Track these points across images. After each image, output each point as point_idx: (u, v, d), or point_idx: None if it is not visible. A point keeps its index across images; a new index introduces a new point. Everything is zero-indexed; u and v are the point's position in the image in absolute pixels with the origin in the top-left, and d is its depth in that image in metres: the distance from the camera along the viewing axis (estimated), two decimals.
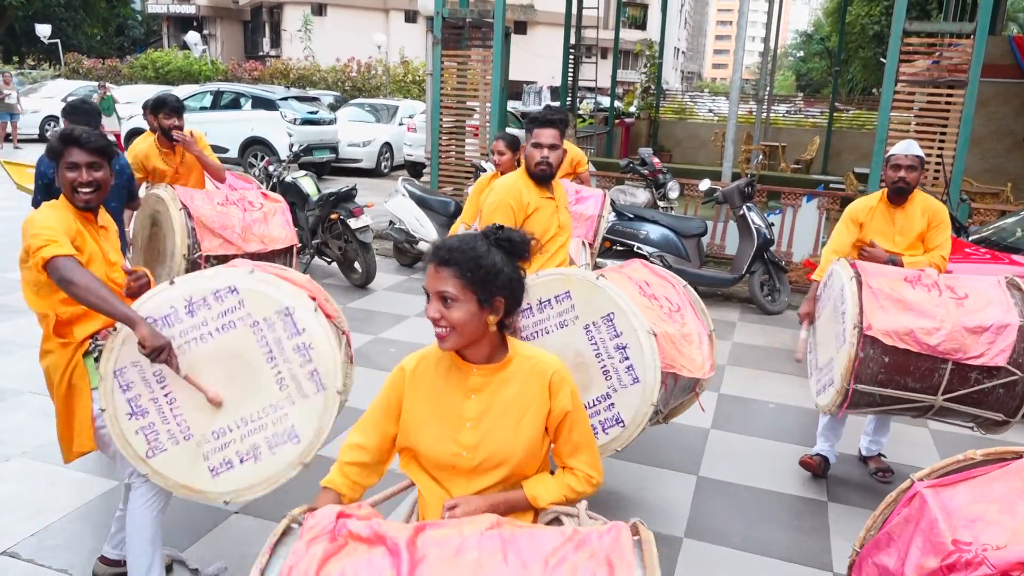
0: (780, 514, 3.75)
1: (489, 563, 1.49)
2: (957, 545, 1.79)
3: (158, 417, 2.49)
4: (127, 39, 41.52)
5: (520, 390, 1.94)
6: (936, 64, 7.45)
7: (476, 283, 1.81)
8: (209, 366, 2.45)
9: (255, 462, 2.47)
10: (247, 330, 2.45)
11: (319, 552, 1.51)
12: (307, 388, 2.45)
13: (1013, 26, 27.91)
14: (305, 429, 2.45)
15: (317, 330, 2.46)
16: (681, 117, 19.97)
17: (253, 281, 2.49)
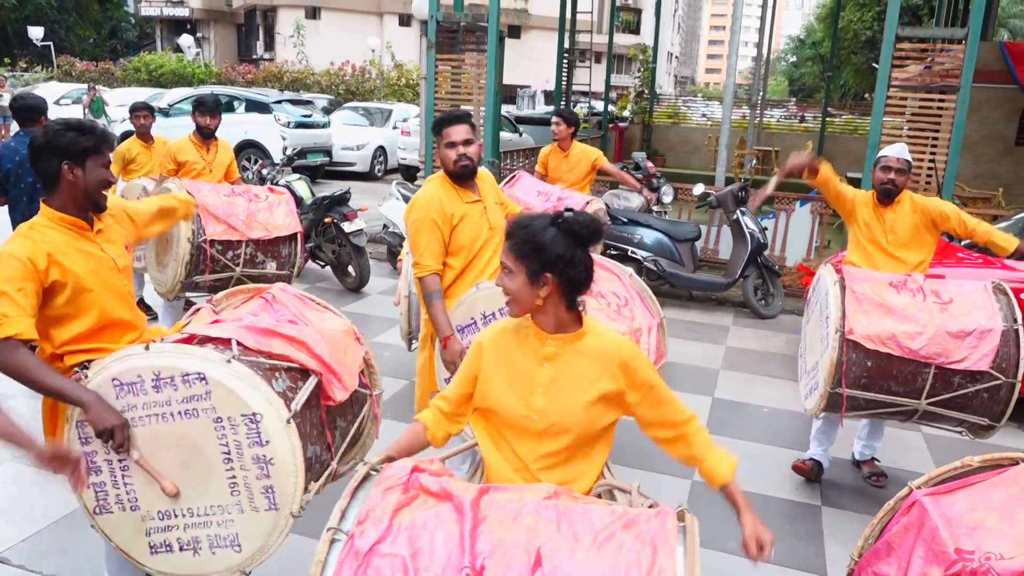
0: (774, 519, 3.75)
1: (544, 530, 1.62)
2: (960, 554, 1.78)
3: (109, 479, 2.38)
4: (120, 42, 41.37)
5: (590, 364, 2.05)
6: (928, 69, 7.48)
7: (525, 257, 1.96)
8: (166, 448, 2.32)
9: (193, 555, 2.38)
10: (209, 423, 2.26)
11: (393, 500, 1.67)
12: (259, 502, 2.29)
13: (1004, 32, 28.09)
14: (248, 542, 2.33)
15: (283, 445, 2.25)
16: (675, 121, 20.01)
17: (226, 373, 2.25)
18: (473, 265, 3.39)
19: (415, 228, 3.28)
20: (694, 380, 5.51)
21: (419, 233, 3.26)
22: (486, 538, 1.61)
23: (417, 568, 1.56)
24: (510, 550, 1.58)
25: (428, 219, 3.24)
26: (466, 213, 3.33)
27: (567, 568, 1.56)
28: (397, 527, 1.63)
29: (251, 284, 3.36)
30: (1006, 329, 3.41)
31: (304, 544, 3.28)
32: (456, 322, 3.24)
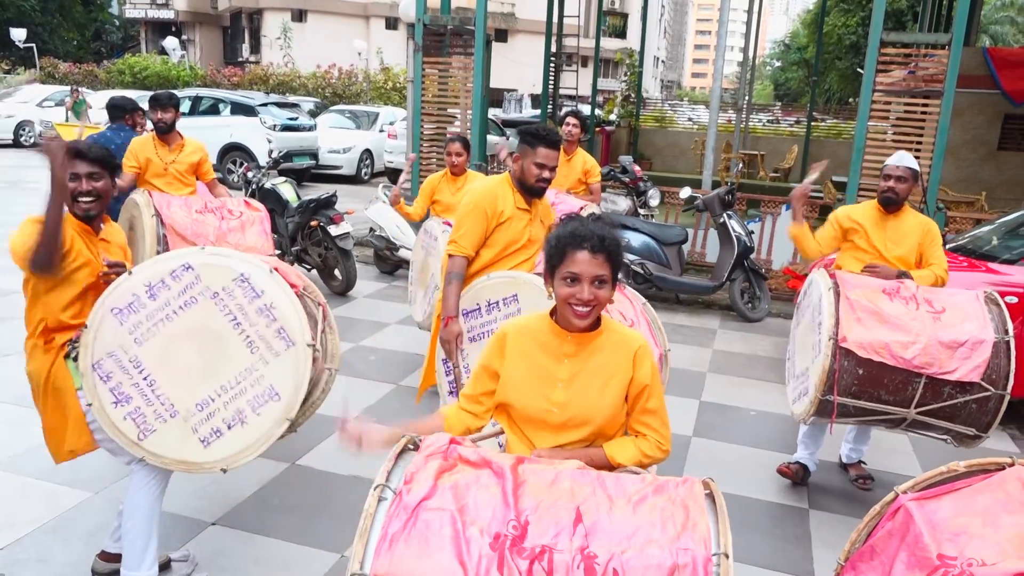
0: (762, 522, 3.75)
1: (581, 492, 1.72)
2: (943, 560, 1.78)
3: (142, 400, 2.56)
4: (104, 44, 41.07)
5: (608, 359, 2.14)
6: (912, 74, 7.54)
7: (616, 266, 2.09)
8: (181, 343, 2.54)
9: (242, 426, 2.57)
10: (209, 302, 2.54)
11: (435, 466, 1.76)
12: (277, 346, 2.55)
13: (985, 37, 28.41)
14: (284, 386, 2.56)
15: (275, 290, 2.58)
16: (661, 125, 20.08)
17: (205, 256, 2.59)
18: (501, 263, 3.55)
19: (466, 210, 3.50)
20: (681, 383, 5.51)
21: (467, 217, 3.47)
22: (528, 498, 1.70)
23: (465, 521, 1.64)
24: (552, 508, 1.67)
25: (480, 207, 3.46)
26: (513, 216, 3.53)
27: (606, 524, 1.65)
28: (442, 487, 1.71)
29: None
30: (997, 341, 3.41)
31: (292, 551, 3.26)
32: (463, 306, 3.40)
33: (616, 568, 1.57)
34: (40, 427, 2.79)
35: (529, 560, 1.59)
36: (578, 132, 6.37)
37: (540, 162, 3.44)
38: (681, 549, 1.60)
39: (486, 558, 1.59)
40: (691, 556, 1.59)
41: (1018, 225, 5.94)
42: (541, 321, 2.20)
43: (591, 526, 1.64)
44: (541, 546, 1.60)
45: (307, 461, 4.04)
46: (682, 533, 1.63)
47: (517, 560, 1.59)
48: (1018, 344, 4.69)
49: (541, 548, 1.60)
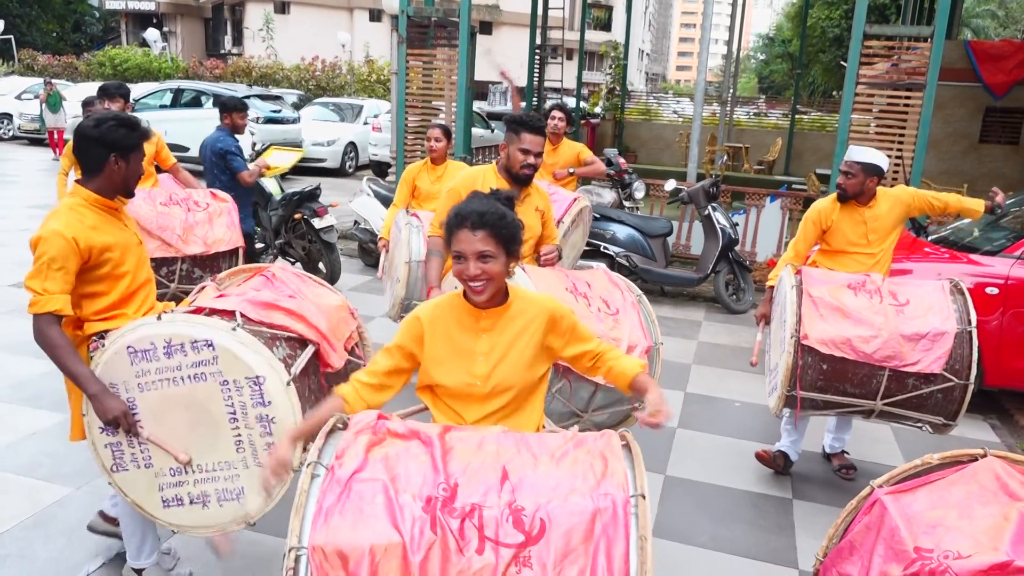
0: (746, 512, 3.78)
1: (506, 452, 1.83)
2: (919, 553, 1.80)
3: (125, 440, 2.59)
4: (84, 36, 40.55)
5: (522, 327, 2.25)
6: (895, 67, 7.58)
7: (505, 241, 2.14)
8: (177, 409, 2.53)
9: (203, 508, 2.59)
10: (216, 386, 2.48)
11: (365, 440, 1.83)
12: (262, 458, 2.48)
13: (967, 31, 28.62)
14: (252, 496, 2.53)
15: (284, 406, 2.48)
16: (646, 118, 20.08)
17: (232, 340, 2.48)
18: None
19: (447, 196, 3.56)
20: (666, 375, 5.51)
21: (446, 201, 3.52)
22: (456, 462, 1.79)
23: (397, 489, 1.71)
24: (479, 469, 1.77)
25: (456, 191, 3.52)
26: None
27: (531, 479, 1.75)
28: (373, 459, 1.78)
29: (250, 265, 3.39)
30: (960, 331, 3.46)
31: (277, 545, 3.24)
32: (445, 289, 3.43)
33: (542, 517, 1.67)
34: (18, 424, 2.77)
35: (460, 519, 1.67)
36: (564, 125, 6.34)
37: (525, 148, 3.47)
38: (601, 495, 1.71)
39: (419, 520, 1.66)
40: (611, 500, 1.70)
41: (999, 217, 5.99)
42: (455, 300, 2.27)
43: (517, 482, 1.74)
44: (471, 504, 1.69)
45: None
46: (602, 480, 1.75)
47: (449, 520, 1.67)
48: (999, 333, 4.76)
49: (471, 506, 1.69)
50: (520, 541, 1.65)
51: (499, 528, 1.66)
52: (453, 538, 1.65)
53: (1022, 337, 4.88)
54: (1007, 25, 32.54)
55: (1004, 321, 4.89)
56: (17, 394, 4.52)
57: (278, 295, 2.82)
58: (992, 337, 4.86)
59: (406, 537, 1.64)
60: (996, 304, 4.88)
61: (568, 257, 5.85)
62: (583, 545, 1.66)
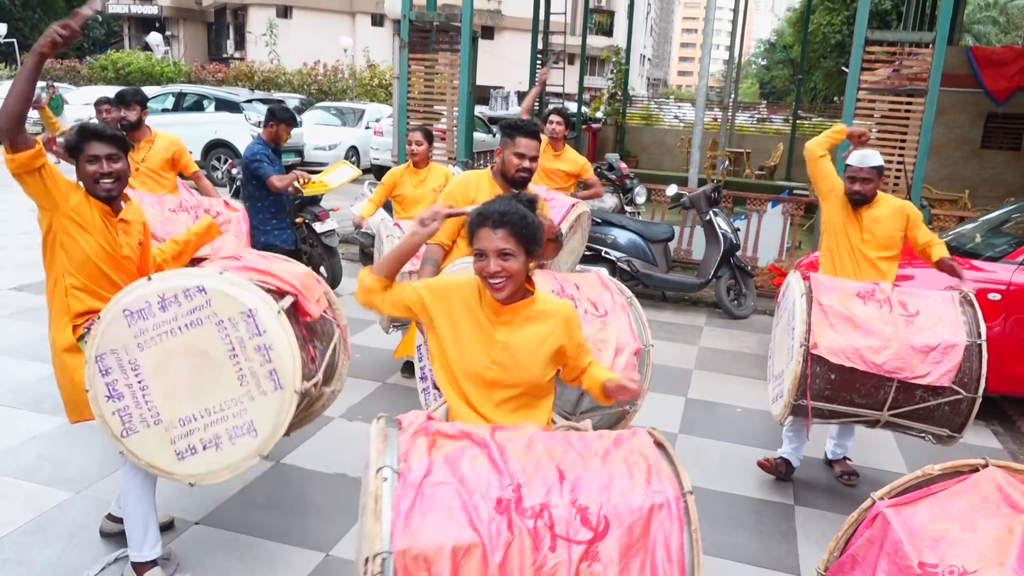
0: (748, 518, 3.76)
1: (556, 452, 1.92)
2: (924, 568, 1.78)
3: (132, 401, 2.66)
4: (87, 39, 40.61)
5: (541, 326, 2.32)
6: (896, 73, 7.58)
7: (525, 240, 2.21)
8: (179, 358, 2.63)
9: (216, 450, 2.66)
10: (213, 328, 2.62)
11: (424, 442, 1.90)
12: (265, 386, 2.62)
13: (968, 37, 28.63)
14: (263, 424, 2.64)
15: (278, 332, 2.63)
16: (648, 123, 20.11)
17: (221, 282, 2.66)
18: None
19: (440, 200, 3.65)
20: (667, 380, 5.51)
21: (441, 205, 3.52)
22: (514, 462, 1.87)
23: (470, 491, 1.77)
24: (537, 470, 1.85)
25: (451, 195, 3.61)
26: None
27: (585, 478, 1.85)
28: (437, 462, 1.84)
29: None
30: (969, 344, 3.43)
31: (277, 550, 3.23)
32: None
33: (607, 515, 1.78)
34: (19, 428, 2.78)
35: (533, 518, 1.75)
36: (562, 129, 6.33)
37: (520, 152, 3.50)
38: (655, 491, 1.84)
39: (496, 521, 1.73)
40: (664, 497, 1.83)
41: (1000, 223, 5.99)
42: (477, 289, 2.33)
43: (574, 481, 1.83)
44: (540, 504, 1.77)
45: (292, 460, 4.02)
46: (651, 478, 1.87)
47: (523, 520, 1.74)
48: (1001, 339, 4.74)
49: (540, 506, 1.77)
50: (589, 538, 1.75)
51: (568, 526, 1.75)
52: (529, 537, 1.73)
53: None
54: (1008, 31, 32.58)
55: (1006, 327, 4.87)
56: (18, 398, 4.51)
57: (252, 264, 3.00)
58: (994, 343, 4.81)
59: (485, 538, 1.70)
60: (998, 310, 4.87)
61: (567, 263, 5.84)
62: (642, 539, 1.78)
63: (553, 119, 6.34)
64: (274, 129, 5.55)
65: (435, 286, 2.37)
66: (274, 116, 5.59)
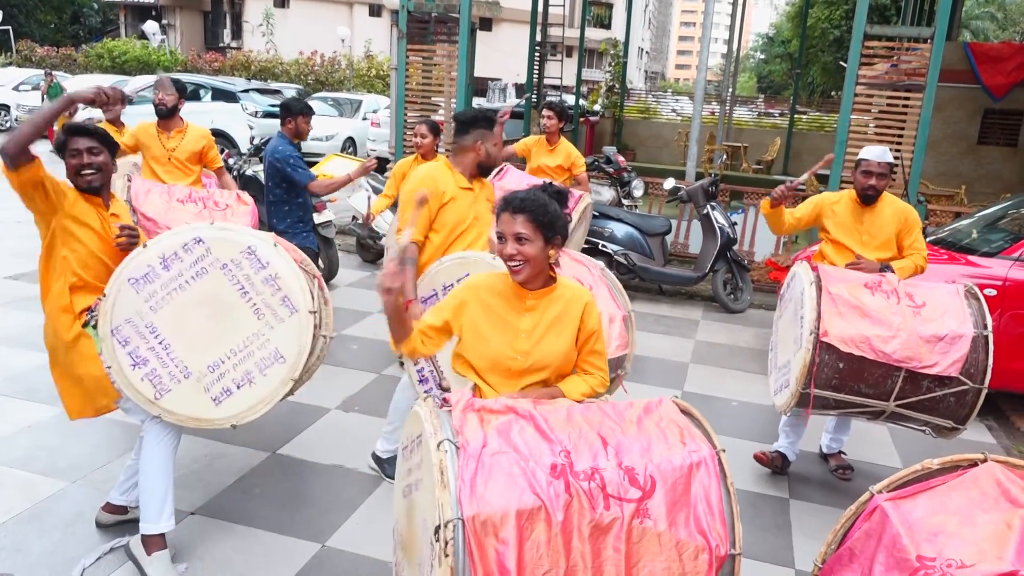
0: (743, 511, 3.75)
1: (594, 421, 2.04)
2: (921, 561, 1.78)
3: (158, 363, 2.77)
4: (83, 27, 40.40)
5: (563, 311, 2.41)
6: (895, 68, 7.58)
7: (542, 226, 2.31)
8: (193, 310, 2.76)
9: (251, 386, 2.79)
10: (218, 273, 2.76)
11: (474, 417, 2.01)
12: (281, 313, 2.79)
13: (967, 33, 28.62)
14: (288, 349, 2.80)
15: (280, 262, 2.81)
16: (645, 116, 20.08)
17: (215, 230, 2.82)
18: (454, 245, 3.61)
19: (408, 198, 3.60)
20: (664, 373, 5.52)
21: (410, 203, 3.54)
22: (559, 431, 1.98)
23: (526, 459, 1.87)
24: (581, 437, 1.97)
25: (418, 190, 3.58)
26: (456, 196, 3.60)
27: (625, 443, 1.98)
28: (490, 434, 1.94)
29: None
30: (976, 335, 3.44)
31: (273, 540, 3.23)
32: (420, 293, 3.47)
33: (652, 474, 1.91)
34: (14, 417, 2.78)
35: (586, 480, 1.86)
36: (555, 124, 6.32)
37: (495, 143, 3.62)
38: (691, 451, 1.99)
39: (554, 485, 1.84)
40: (701, 455, 1.98)
41: (997, 218, 6.00)
42: (502, 279, 2.44)
43: (616, 446, 1.96)
44: (591, 468, 1.89)
45: (288, 451, 4.02)
46: (684, 439, 2.02)
47: (579, 483, 1.85)
48: (997, 335, 4.75)
49: (591, 469, 1.89)
50: (639, 496, 1.88)
51: (619, 487, 1.87)
52: (585, 497, 1.84)
53: (1019, 339, 4.89)
54: (1006, 27, 32.58)
55: (1002, 323, 4.89)
56: (13, 387, 4.50)
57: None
58: None
59: (546, 501, 1.81)
60: (994, 306, 4.88)
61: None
62: (685, 495, 1.93)
63: (545, 113, 6.34)
64: (293, 124, 5.25)
65: (456, 299, 2.44)
66: (290, 111, 5.24)
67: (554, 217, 2.35)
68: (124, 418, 4.06)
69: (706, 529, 1.90)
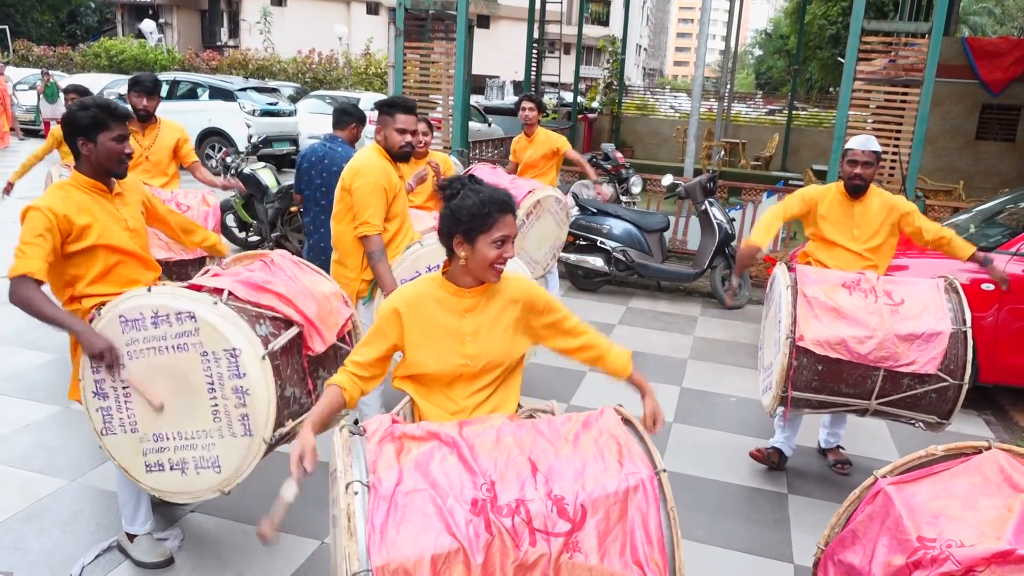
0: (741, 507, 3.78)
1: (526, 443, 1.91)
2: (922, 542, 1.80)
3: (114, 404, 2.74)
4: (80, 26, 40.32)
5: (503, 306, 2.31)
6: (893, 63, 7.58)
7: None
8: (161, 376, 2.66)
9: (181, 474, 2.72)
10: (197, 357, 2.61)
11: (391, 449, 1.86)
12: (236, 429, 2.62)
13: (964, 28, 28.62)
14: (227, 464, 2.67)
15: (257, 378, 2.59)
16: (643, 113, 20.07)
17: (212, 313, 2.62)
18: (402, 230, 3.80)
19: (368, 190, 3.56)
20: (662, 370, 5.53)
21: (371, 195, 3.57)
22: (484, 459, 1.85)
23: (444, 496, 1.75)
24: (509, 464, 1.84)
25: (379, 184, 3.59)
26: (399, 185, 3.75)
27: (558, 467, 1.85)
28: (407, 468, 1.81)
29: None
30: (955, 331, 3.44)
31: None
32: (401, 276, 3.54)
33: (583, 503, 1.78)
34: (12, 416, 2.78)
35: (510, 516, 1.73)
36: (535, 115, 6.38)
37: (401, 127, 3.67)
38: (628, 474, 1.85)
39: (473, 524, 1.71)
40: (638, 478, 1.85)
41: (994, 213, 6.00)
42: (433, 284, 2.30)
43: (547, 472, 1.83)
44: (515, 500, 1.76)
45: (286, 448, 4.00)
46: (622, 459, 1.88)
47: (501, 519, 1.72)
48: (995, 330, 4.75)
49: (516, 502, 1.75)
50: (568, 529, 1.76)
51: (546, 519, 1.75)
52: (508, 535, 1.71)
53: (1017, 333, 4.89)
54: (1004, 22, 32.57)
55: (999, 317, 4.89)
56: (11, 386, 4.50)
57: (273, 278, 2.91)
58: (988, 333, 4.87)
59: (464, 542, 1.69)
60: (992, 300, 4.89)
61: (539, 249, 5.82)
62: (620, 523, 1.80)
63: (525, 105, 6.38)
64: (356, 130, 5.01)
65: (405, 299, 2.28)
66: (351, 115, 4.95)
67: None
68: None
69: (643, 560, 1.78)
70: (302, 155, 4.89)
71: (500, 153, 11.55)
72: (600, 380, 5.39)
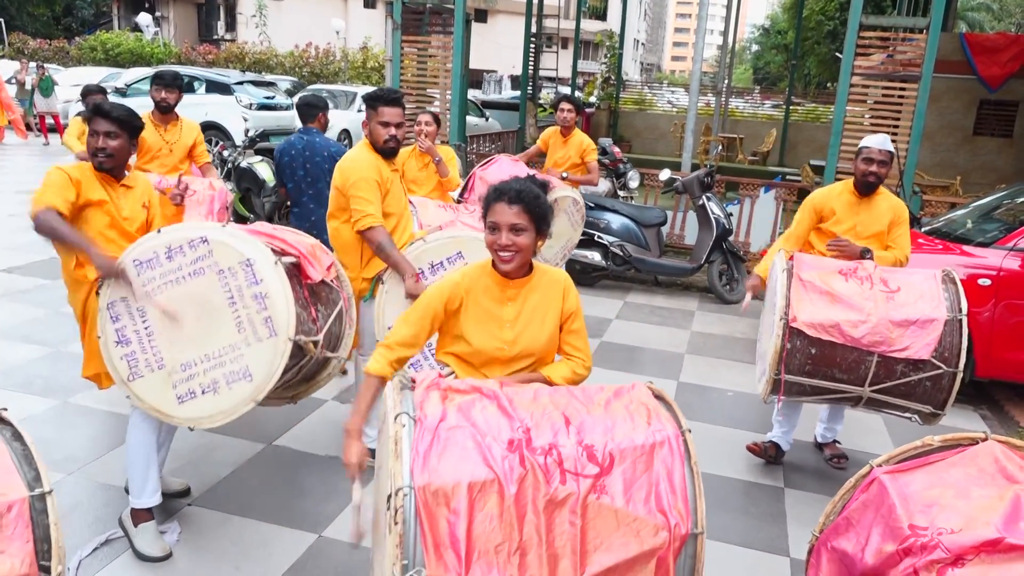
0: (738, 500, 3.79)
1: (560, 402, 2.05)
2: (914, 530, 1.82)
3: (139, 347, 2.84)
4: (75, 20, 40.14)
5: (543, 296, 2.47)
6: (890, 58, 7.58)
7: (537, 218, 2.35)
8: (182, 304, 2.80)
9: (214, 395, 2.80)
10: (214, 276, 2.78)
11: (437, 394, 2.01)
12: (261, 333, 2.77)
13: (962, 24, 28.62)
14: (257, 369, 2.77)
15: (274, 282, 2.78)
16: (641, 108, 20.05)
17: (223, 233, 2.83)
18: (399, 228, 3.70)
19: (363, 185, 3.53)
20: (659, 364, 5.54)
21: (367, 190, 3.53)
22: (522, 410, 1.99)
23: (483, 435, 1.89)
24: (544, 416, 1.98)
25: (372, 179, 3.55)
26: (392, 181, 3.68)
27: (590, 422, 1.98)
28: (450, 409, 1.96)
29: None
30: (950, 319, 3.44)
31: (270, 531, 3.24)
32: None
33: (611, 451, 1.91)
34: (10, 410, 2.77)
35: (543, 455, 1.87)
36: (573, 116, 6.53)
37: (385, 121, 3.58)
38: (656, 430, 1.99)
39: (508, 459, 1.85)
40: (665, 435, 1.99)
41: (992, 209, 6.01)
42: (483, 270, 2.47)
43: (579, 425, 1.96)
44: (549, 444, 1.90)
45: (284, 442, 4.02)
46: (651, 420, 2.02)
47: (535, 457, 1.86)
48: (991, 324, 4.77)
49: (549, 445, 1.89)
50: (596, 472, 1.87)
51: (576, 462, 1.87)
52: (540, 471, 1.84)
53: (1014, 328, 4.91)
54: (1002, 18, 32.59)
55: (996, 312, 4.91)
56: (8, 380, 4.50)
57: (261, 231, 3.11)
58: (984, 328, 4.88)
59: (499, 473, 1.82)
60: (988, 295, 4.90)
61: (551, 248, 5.88)
62: (646, 473, 1.92)
63: (563, 106, 6.57)
64: (324, 117, 5.06)
65: (465, 280, 2.44)
66: (316, 106, 5.04)
67: (547, 209, 2.39)
68: (120, 410, 4.07)
69: (667, 508, 1.90)
70: (279, 150, 4.96)
71: (497, 147, 11.53)
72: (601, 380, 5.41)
